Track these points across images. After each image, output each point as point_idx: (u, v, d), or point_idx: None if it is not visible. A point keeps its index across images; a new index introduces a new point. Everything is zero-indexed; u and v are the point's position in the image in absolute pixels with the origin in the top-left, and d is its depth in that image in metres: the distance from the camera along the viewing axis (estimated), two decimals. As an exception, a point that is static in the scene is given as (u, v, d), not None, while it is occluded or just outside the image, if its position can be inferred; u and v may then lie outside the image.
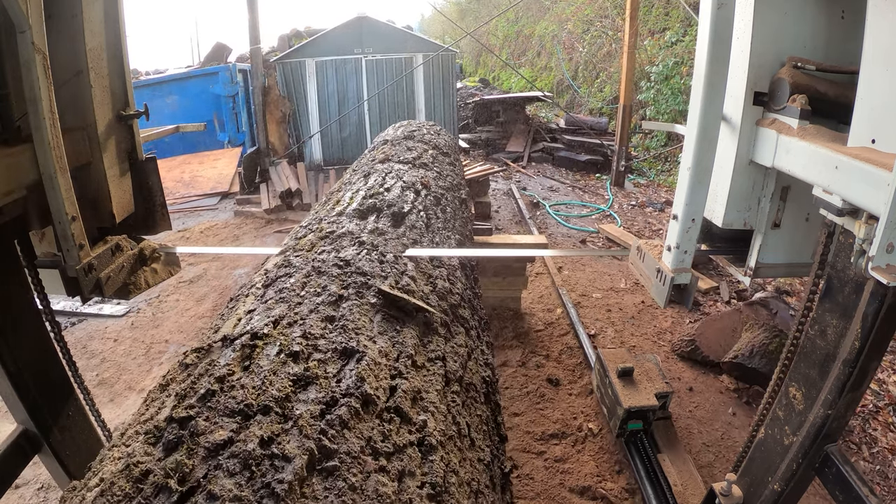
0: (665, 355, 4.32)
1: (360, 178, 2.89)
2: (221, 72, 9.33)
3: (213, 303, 5.22)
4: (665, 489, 2.87)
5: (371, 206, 2.30)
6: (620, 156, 8.78)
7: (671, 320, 4.86)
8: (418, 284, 1.76)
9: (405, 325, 1.51)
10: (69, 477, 2.00)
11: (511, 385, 3.88)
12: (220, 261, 6.21)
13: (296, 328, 1.33)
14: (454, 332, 1.70)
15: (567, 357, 4.25)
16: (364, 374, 1.20)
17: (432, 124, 4.82)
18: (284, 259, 1.78)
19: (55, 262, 1.73)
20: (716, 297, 5.19)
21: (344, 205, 2.37)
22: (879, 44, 1.50)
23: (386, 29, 9.47)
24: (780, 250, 2.10)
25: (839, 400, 1.74)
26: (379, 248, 1.89)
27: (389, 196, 2.47)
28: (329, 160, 9.66)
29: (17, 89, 1.56)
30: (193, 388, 1.10)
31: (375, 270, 1.71)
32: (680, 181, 1.96)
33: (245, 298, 1.59)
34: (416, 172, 3.03)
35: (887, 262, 1.36)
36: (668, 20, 11.50)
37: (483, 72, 20.87)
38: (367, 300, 1.54)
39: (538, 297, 5.23)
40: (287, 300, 1.49)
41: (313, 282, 1.59)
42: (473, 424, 1.43)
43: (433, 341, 1.54)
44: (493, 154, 10.75)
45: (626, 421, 3.14)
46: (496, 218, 7.55)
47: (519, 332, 4.54)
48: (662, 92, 10.32)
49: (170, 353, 4.41)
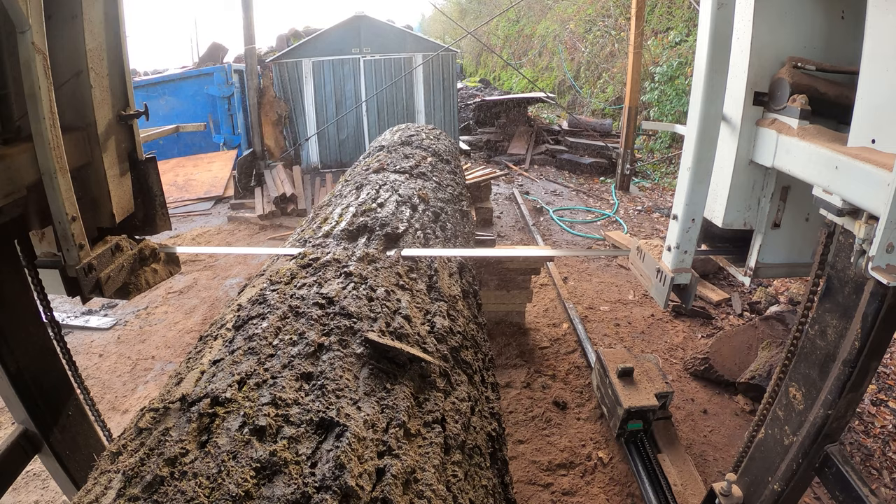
0: (677, 374, 4.13)
1: (351, 191, 2.68)
2: (217, 72, 9.17)
3: (203, 315, 5.05)
4: (665, 489, 2.87)
5: (362, 226, 2.10)
6: (626, 159, 8.61)
7: (682, 335, 4.65)
8: (413, 324, 1.55)
9: (397, 380, 1.30)
10: (69, 477, 2.00)
11: (515, 409, 3.69)
12: (211, 269, 6.08)
13: (265, 391, 1.14)
14: (455, 383, 1.49)
15: (574, 377, 4.04)
16: (345, 457, 1.00)
17: (431, 128, 4.68)
18: (259, 294, 1.58)
19: (55, 262, 1.73)
20: (728, 310, 5.01)
21: (332, 223, 2.18)
22: (879, 44, 1.49)
23: (384, 28, 9.34)
24: (780, 250, 2.10)
25: (839, 400, 1.74)
26: (368, 280, 1.67)
27: (383, 213, 2.27)
28: (326, 163, 9.54)
29: (17, 89, 1.56)
30: (141, 470, 0.96)
31: (363, 310, 1.49)
32: (680, 181, 1.96)
33: (213, 342, 1.41)
34: (414, 184, 2.84)
35: (887, 262, 1.36)
36: (671, 20, 11.43)
37: (484, 72, 20.87)
38: (351, 350, 1.33)
39: (543, 310, 5.04)
40: (257, 351, 1.28)
41: (290, 326, 1.38)
42: (479, 499, 1.25)
43: (430, 398, 1.33)
44: (494, 157, 10.61)
45: (626, 421, 3.14)
46: (498, 224, 7.39)
47: (523, 350, 4.32)
48: (666, 93, 10.24)
49: (156, 370, 4.24)
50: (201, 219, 7.92)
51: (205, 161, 9.08)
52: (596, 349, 4.08)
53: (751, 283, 2.21)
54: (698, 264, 5.40)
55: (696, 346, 4.42)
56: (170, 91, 9.30)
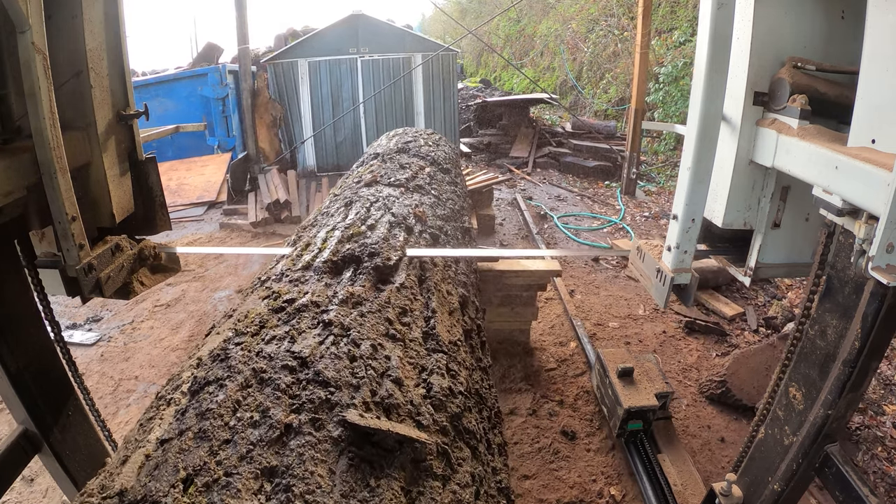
0: (692, 398, 3.85)
1: (340, 209, 2.43)
2: (211, 73, 8.82)
3: (189, 332, 4.81)
4: (665, 489, 2.87)
5: (348, 256, 1.85)
6: (632, 162, 8.29)
7: (696, 354, 4.36)
8: (406, 390, 1.30)
9: (383, 472, 1.06)
10: (69, 477, 2.00)
11: (521, 439, 3.41)
12: (200, 281, 5.84)
13: (214, 495, 0.93)
14: (457, 462, 1.24)
15: (584, 403, 3.76)
16: None
17: (430, 133, 4.47)
18: (222, 348, 1.34)
19: (55, 262, 1.73)
20: (742, 325, 4.76)
21: (314, 251, 1.93)
22: (879, 44, 1.49)
23: (383, 27, 9.05)
24: (780, 250, 2.10)
25: (839, 400, 1.74)
26: (351, 332, 1.39)
27: (373, 237, 2.00)
28: (323, 166, 9.26)
29: (17, 89, 1.56)
30: None
31: (343, 375, 1.25)
32: (680, 181, 1.96)
33: (166, 408, 1.21)
34: (410, 199, 2.60)
35: (887, 262, 1.36)
36: (675, 19, 11.22)
37: (484, 72, 20.86)
38: (326, 433, 1.08)
39: (549, 327, 4.73)
40: (210, 435, 1.05)
41: (252, 399, 1.15)
42: None
43: (426, 491, 1.09)
44: (495, 159, 10.31)
45: (626, 421, 3.14)
46: (500, 232, 7.08)
47: (529, 372, 4.05)
48: (671, 94, 9.98)
49: (139, 392, 4.02)
50: (193, 225, 7.63)
51: (198, 165, 8.73)
52: (596, 349, 4.07)
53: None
54: (710, 275, 5.13)
55: (712, 367, 4.18)
56: (163, 92, 8.91)
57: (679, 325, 4.77)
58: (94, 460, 2.12)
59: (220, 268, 6.16)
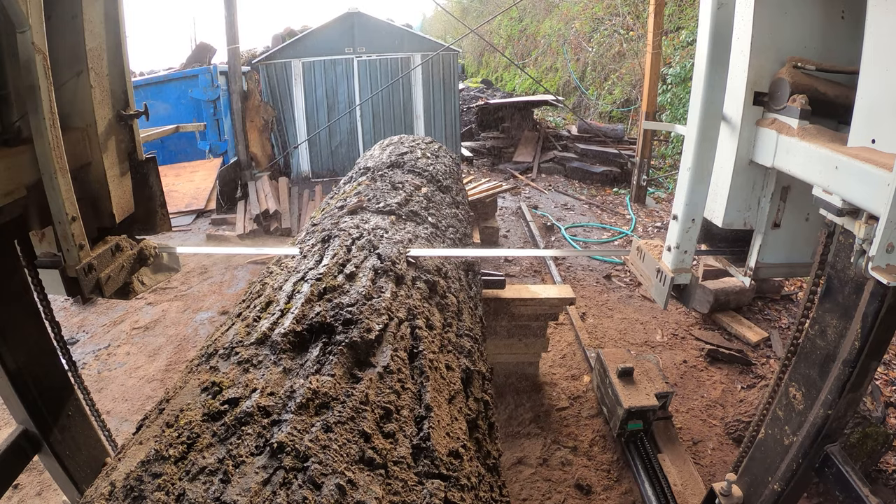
0: (718, 441, 3.44)
1: (315, 246, 2.00)
2: (201, 74, 8.42)
3: (167, 359, 4.47)
4: (665, 489, 2.87)
5: (316, 325, 1.42)
6: (642, 168, 7.82)
7: (721, 387, 3.98)
8: None
9: None
10: (69, 477, 2.00)
11: (530, 495, 3.03)
12: (182, 300, 5.50)
13: None
14: None
15: (600, 450, 3.34)
16: None
17: (429, 141, 4.05)
18: (137, 477, 0.98)
19: (55, 262, 1.73)
20: (768, 352, 4.37)
21: (275, 314, 1.49)
22: (879, 44, 1.49)
23: (380, 26, 8.69)
24: (780, 250, 2.10)
25: (839, 400, 1.74)
26: (310, 462, 0.99)
27: (352, 293, 1.58)
28: (318, 172, 8.91)
29: (17, 89, 1.56)
30: None
31: None
32: (680, 181, 1.96)
33: None
34: (402, 233, 2.18)
35: (887, 262, 1.36)
36: (682, 18, 10.98)
37: (485, 72, 20.84)
38: None
39: (560, 357, 4.32)
40: None
41: None
42: None
43: None
44: (498, 164, 9.90)
45: (626, 421, 3.14)
46: (504, 245, 6.67)
47: (538, 412, 3.66)
48: (679, 95, 9.54)
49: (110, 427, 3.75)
50: (180, 236, 7.08)
51: (188, 170, 8.26)
52: (597, 350, 4.07)
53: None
54: (731, 297, 4.87)
55: (738, 402, 3.80)
56: (153, 94, 8.46)
57: (701, 352, 4.38)
58: (94, 460, 2.12)
59: (204, 286, 5.83)
